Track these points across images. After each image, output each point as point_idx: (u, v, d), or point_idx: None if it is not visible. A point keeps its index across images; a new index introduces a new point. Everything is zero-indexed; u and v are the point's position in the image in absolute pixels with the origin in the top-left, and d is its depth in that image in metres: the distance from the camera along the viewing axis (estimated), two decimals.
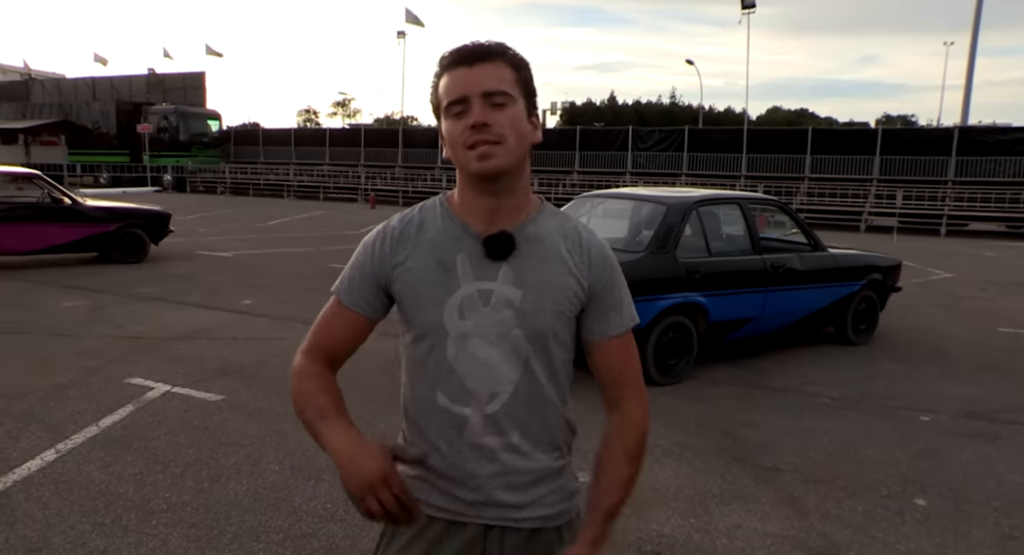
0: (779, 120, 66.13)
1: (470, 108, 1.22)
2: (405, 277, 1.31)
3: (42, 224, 10.02)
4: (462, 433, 1.31)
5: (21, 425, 4.40)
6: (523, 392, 1.31)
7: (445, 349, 1.30)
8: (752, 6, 28.14)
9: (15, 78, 46.33)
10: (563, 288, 1.31)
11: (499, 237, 1.29)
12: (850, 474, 4.06)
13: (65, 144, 33.17)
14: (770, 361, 6.35)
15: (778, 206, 6.86)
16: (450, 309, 1.29)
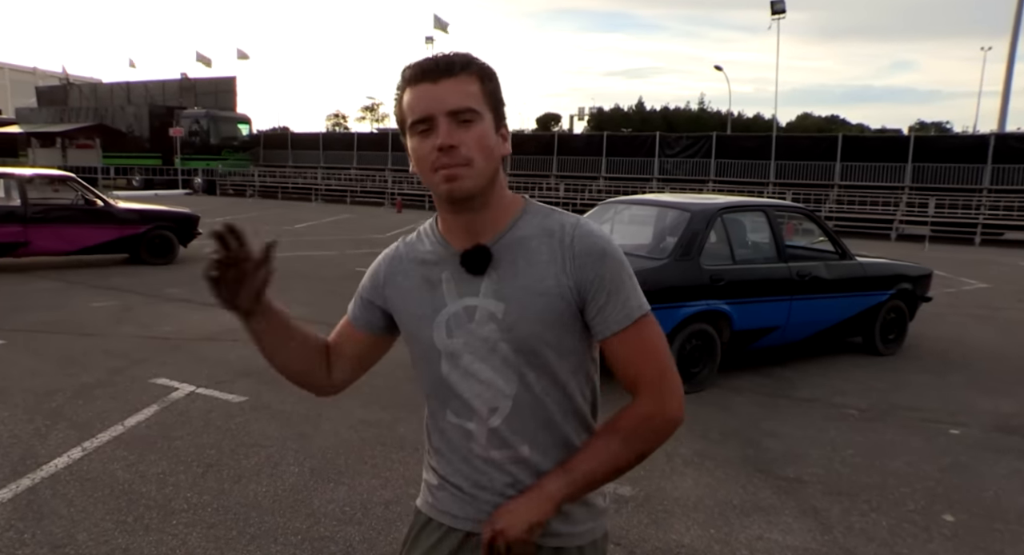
0: (809, 127, 65.37)
1: (436, 127, 1.18)
2: (396, 298, 1.35)
3: (76, 226, 10.22)
4: (472, 447, 1.31)
5: (50, 423, 4.47)
6: (524, 404, 1.28)
7: (440, 367, 1.30)
8: (782, 11, 27.89)
9: (54, 83, 47.34)
10: (546, 293, 1.24)
11: (474, 252, 1.26)
12: (875, 487, 3.98)
13: (100, 147, 33.82)
14: (796, 370, 6.26)
15: (805, 214, 6.78)
16: (438, 327, 1.29)
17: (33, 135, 36.10)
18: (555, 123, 73.93)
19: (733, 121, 53.57)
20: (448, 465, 1.36)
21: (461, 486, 1.34)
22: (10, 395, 4.96)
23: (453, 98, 1.18)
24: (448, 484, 1.36)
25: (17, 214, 9.83)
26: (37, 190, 10.35)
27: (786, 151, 25.26)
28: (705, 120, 60.43)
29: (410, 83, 1.22)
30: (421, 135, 1.20)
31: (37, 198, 10.19)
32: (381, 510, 3.39)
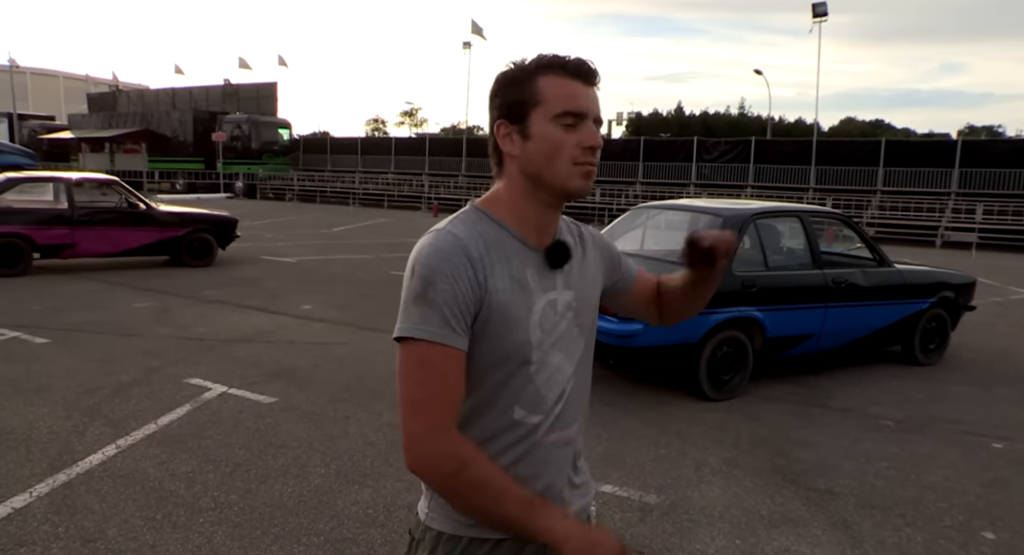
0: (853, 131, 64.10)
1: (584, 126, 1.23)
2: (494, 300, 1.22)
3: (119, 228, 10.49)
4: (530, 441, 1.29)
5: (87, 420, 4.59)
6: (577, 385, 1.37)
7: (529, 363, 1.27)
8: (824, 14, 27.42)
9: (104, 90, 48.73)
10: (596, 281, 1.43)
11: (558, 247, 1.32)
12: (911, 501, 3.87)
13: (146, 151, 34.71)
14: (831, 379, 6.13)
15: (841, 220, 6.63)
16: (533, 324, 1.27)
17: (83, 140, 37.20)
18: None
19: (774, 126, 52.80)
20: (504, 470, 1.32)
21: None
22: (51, 392, 5.10)
23: (598, 107, 1.26)
24: None
25: (64, 217, 10.13)
26: (83, 194, 10.63)
27: (827, 156, 24.82)
28: (745, 125, 59.67)
29: (560, 73, 1.23)
30: (565, 128, 1.22)
31: (83, 201, 10.47)
32: (404, 513, 3.40)
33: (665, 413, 5.10)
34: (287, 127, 37.80)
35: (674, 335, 5.11)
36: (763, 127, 45.55)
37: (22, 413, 4.69)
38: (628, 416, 5.01)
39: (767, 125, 44.82)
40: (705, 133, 39.86)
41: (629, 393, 5.55)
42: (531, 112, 1.23)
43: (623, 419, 4.95)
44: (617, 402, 5.30)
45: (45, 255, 10.17)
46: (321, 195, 32.23)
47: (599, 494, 3.76)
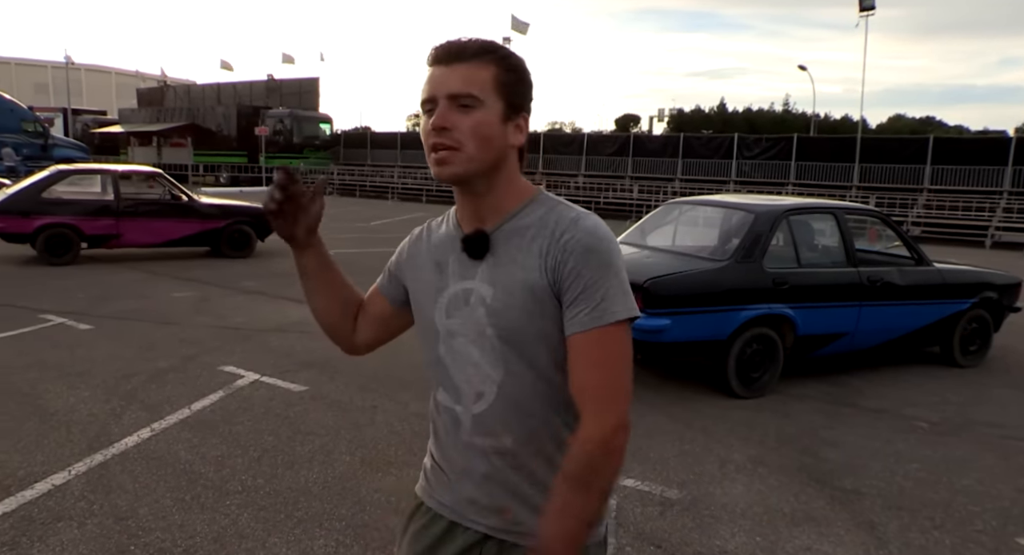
0: (902, 128, 62.46)
1: (437, 109, 1.21)
2: (410, 276, 1.40)
3: (162, 219, 10.75)
4: (458, 430, 1.32)
5: (124, 404, 4.73)
6: (510, 394, 1.26)
7: (438, 347, 1.32)
8: (871, 8, 26.78)
9: (153, 85, 49.92)
10: (529, 284, 1.22)
11: (474, 237, 1.28)
12: (941, 503, 3.80)
13: (191, 145, 35.46)
14: (865, 379, 6.02)
15: (878, 217, 6.49)
16: (439, 308, 1.31)
17: (132, 134, 38.17)
18: (634, 124, 73.13)
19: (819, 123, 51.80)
20: (440, 448, 1.38)
21: (447, 471, 1.36)
22: (92, 377, 5.27)
23: (456, 83, 1.20)
24: (439, 468, 1.38)
25: (110, 208, 10.42)
26: (128, 186, 10.92)
27: (871, 153, 24.26)
28: (789, 122, 58.62)
29: (428, 64, 1.25)
30: (427, 115, 1.23)
31: (128, 193, 10.76)
32: None
33: (692, 409, 5.07)
34: (328, 122, 38.26)
35: (702, 331, 5.07)
36: (808, 124, 44.71)
37: (65, 396, 4.85)
38: (654, 411, 4.99)
39: (812, 122, 44.01)
40: (748, 130, 39.28)
41: (657, 388, 5.53)
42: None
43: (649, 414, 4.93)
44: (644, 397, 5.28)
45: (92, 245, 10.49)
46: (361, 189, 32.56)
47: (620, 488, 3.76)
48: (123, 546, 3.05)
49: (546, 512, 1.20)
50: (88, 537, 3.11)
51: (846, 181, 24.37)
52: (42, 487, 3.54)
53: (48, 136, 28.03)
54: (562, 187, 28.89)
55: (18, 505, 3.37)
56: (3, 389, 4.97)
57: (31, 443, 4.07)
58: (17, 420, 4.41)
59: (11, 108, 26.61)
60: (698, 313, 5.01)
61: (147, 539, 3.11)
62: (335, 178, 33.57)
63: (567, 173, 30.25)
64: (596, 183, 28.54)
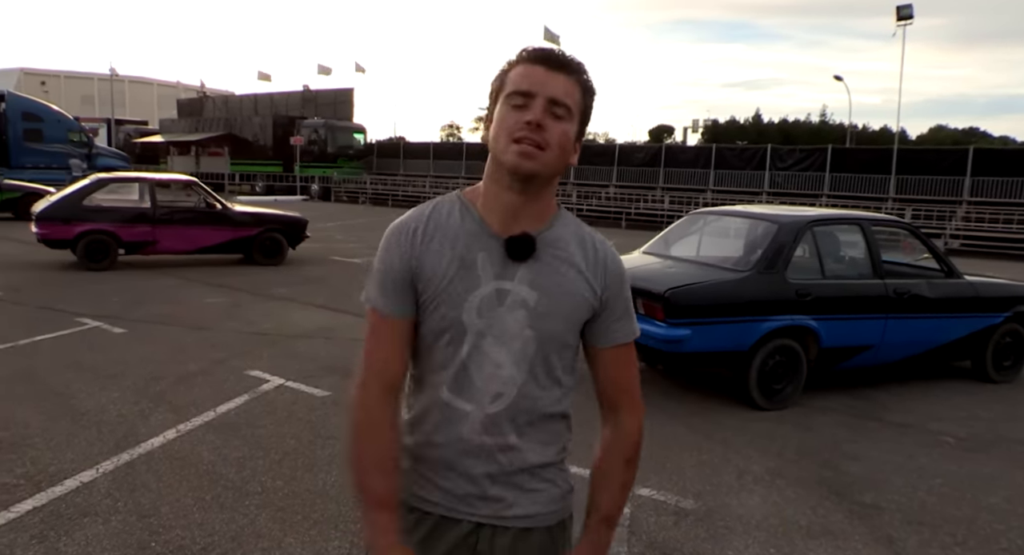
0: (944, 140, 61.15)
1: (532, 105, 1.24)
2: (428, 272, 1.31)
3: (196, 227, 10.99)
4: (461, 429, 1.33)
5: (152, 405, 4.86)
6: (527, 395, 1.32)
7: (461, 345, 1.31)
8: (909, 17, 26.38)
9: (192, 96, 51.05)
10: (577, 294, 1.33)
11: (521, 238, 1.30)
12: (964, 520, 3.73)
13: (228, 155, 36.17)
14: (892, 393, 5.93)
15: (906, 228, 6.40)
16: (470, 307, 1.29)
17: (172, 143, 39.07)
18: (668, 135, 72.83)
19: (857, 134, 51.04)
20: (430, 449, 1.36)
21: (439, 469, 1.35)
22: (124, 378, 5.42)
23: (559, 89, 1.26)
24: (427, 468, 1.37)
25: (147, 215, 10.69)
26: (165, 194, 11.19)
27: (908, 165, 23.84)
28: (826, 133, 57.87)
29: (525, 61, 1.28)
30: (514, 108, 1.25)
31: (164, 201, 11.03)
32: None
33: (712, 420, 5.05)
34: (362, 132, 38.74)
35: (723, 342, 5.05)
36: (845, 135, 44.13)
37: (97, 396, 5.00)
38: (674, 421, 4.98)
39: (849, 133, 43.44)
40: (783, 141, 38.90)
41: (678, 398, 5.51)
42: (498, 98, 1.30)
43: (669, 423, 4.92)
44: (665, 406, 5.27)
45: (129, 251, 10.76)
46: (393, 199, 32.86)
47: (634, 497, 3.76)
48: (144, 542, 3.14)
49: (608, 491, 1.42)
50: (112, 533, 3.20)
51: (882, 193, 23.98)
52: (71, 484, 3.66)
53: (92, 146, 28.79)
54: (593, 197, 28.89)
55: (48, 500, 3.48)
56: (40, 389, 5.13)
57: (62, 441, 4.20)
58: (52, 419, 4.56)
59: (58, 119, 27.41)
60: (719, 324, 5.00)
61: (167, 536, 3.19)
62: (368, 187, 33.96)
63: (598, 183, 30.22)
64: (627, 193, 28.46)
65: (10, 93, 26.79)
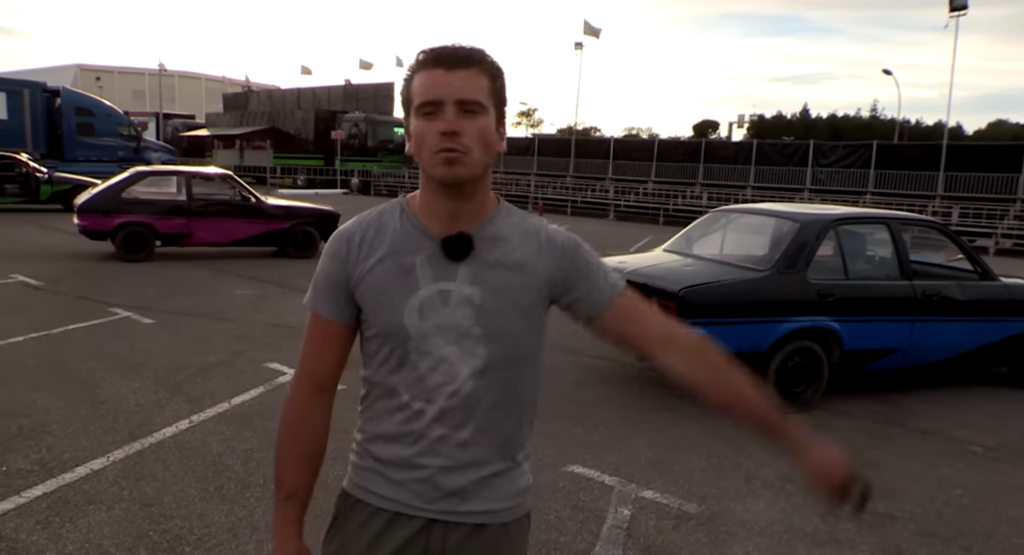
0: (1003, 135, 59.00)
1: (442, 113, 1.22)
2: (368, 280, 1.33)
3: (230, 219, 11.18)
4: (418, 427, 1.33)
5: (169, 395, 4.95)
6: (481, 390, 1.32)
7: (407, 348, 1.32)
8: (963, 8, 25.49)
9: (238, 90, 52.02)
10: (522, 287, 1.32)
11: (457, 238, 1.30)
12: (981, 533, 3.59)
13: (271, 148, 36.75)
14: (920, 399, 5.74)
15: (936, 227, 6.17)
16: (410, 310, 1.31)
17: (217, 137, 39.88)
18: (712, 131, 71.87)
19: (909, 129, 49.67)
20: (384, 446, 1.38)
21: (394, 464, 1.36)
22: (146, 368, 5.54)
23: (464, 88, 1.23)
24: (380, 462, 1.38)
25: (183, 208, 10.92)
26: (200, 186, 11.41)
27: (959, 162, 23.09)
28: (876, 128, 56.49)
29: (424, 67, 1.25)
30: (426, 118, 1.24)
31: (200, 194, 11.24)
32: None
33: (727, 422, 4.93)
34: (402, 126, 38.85)
35: (739, 342, 4.93)
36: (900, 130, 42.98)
37: (118, 385, 5.11)
38: (687, 422, 4.89)
39: (901, 128, 42.28)
40: (832, 136, 38.04)
41: (693, 399, 5.40)
42: (410, 111, 1.28)
43: (681, 424, 4.84)
44: (679, 407, 5.18)
45: (166, 243, 11.00)
46: None
47: (637, 499, 3.70)
48: (143, 531, 3.19)
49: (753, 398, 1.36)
50: (113, 521, 3.26)
51: (930, 190, 23.30)
52: (81, 471, 3.75)
53: (140, 139, 29.52)
54: (631, 193, 28.64)
55: (57, 486, 3.57)
56: (66, 377, 5.27)
57: (79, 429, 4.30)
58: (73, 407, 4.68)
59: (109, 113, 28.14)
60: (735, 324, 4.89)
61: (166, 526, 3.24)
62: (407, 181, 34.19)
63: (636, 179, 29.96)
64: (665, 189, 28.16)
65: (65, 89, 27.56)
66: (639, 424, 4.85)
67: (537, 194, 30.23)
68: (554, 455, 4.22)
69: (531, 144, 35.97)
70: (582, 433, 4.64)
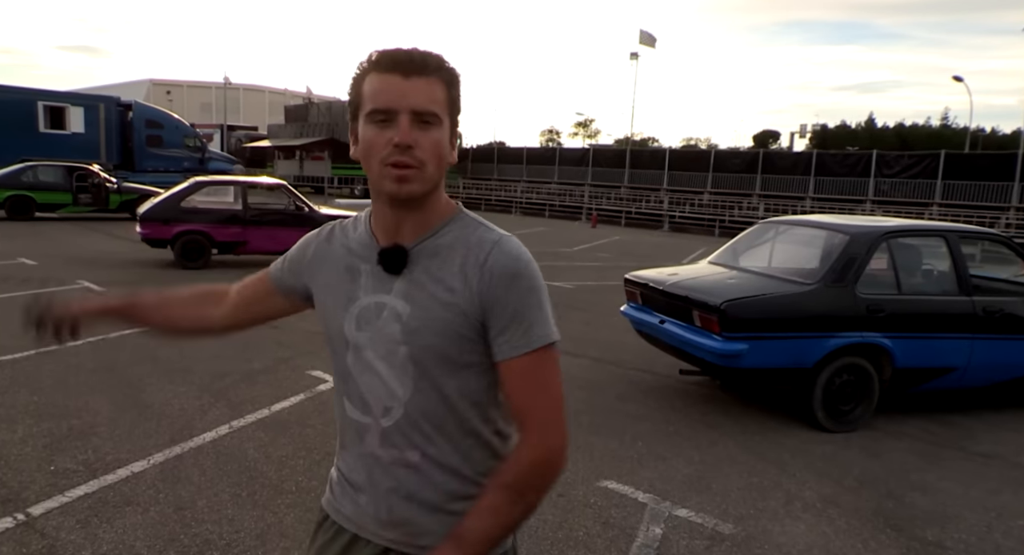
0: None
1: (396, 123, 1.15)
2: (319, 280, 1.35)
3: (284, 228, 11.39)
4: (366, 443, 1.30)
5: (212, 401, 5.05)
6: (418, 410, 1.25)
7: (346, 358, 1.30)
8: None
9: (299, 102, 53.37)
10: (448, 305, 1.21)
11: (392, 251, 1.25)
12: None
13: (329, 159, 37.51)
14: (981, 420, 5.46)
15: (1001, 241, 5.86)
16: (349, 318, 1.28)
17: (278, 148, 40.91)
18: (773, 141, 70.42)
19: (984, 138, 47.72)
20: (345, 460, 1.37)
21: (353, 483, 1.34)
22: (191, 374, 5.67)
23: (420, 98, 1.16)
24: (344, 480, 1.37)
25: (239, 217, 11.21)
26: (255, 196, 11.70)
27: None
28: (948, 137, 54.37)
29: (377, 69, 1.18)
30: (378, 125, 1.17)
31: (255, 203, 11.53)
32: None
33: (771, 440, 4.79)
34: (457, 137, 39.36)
35: (783, 358, 4.79)
36: (972, 139, 41.42)
37: (164, 390, 5.25)
38: (728, 439, 4.76)
39: (975, 137, 40.70)
40: (900, 147, 36.82)
41: (736, 416, 5.26)
42: (358, 114, 1.21)
43: (721, 442, 4.70)
44: (721, 424, 5.05)
45: (222, 251, 11.31)
46: (486, 203, 33.25)
47: (670, 517, 3.60)
48: (175, 534, 3.25)
49: (472, 510, 1.23)
50: (148, 523, 3.33)
51: (1003, 201, 22.33)
52: (123, 473, 3.84)
53: (205, 150, 30.54)
54: (686, 204, 28.27)
55: (99, 488, 3.67)
56: (117, 381, 5.43)
57: (124, 432, 4.42)
58: (121, 410, 4.81)
59: (176, 126, 29.22)
60: (779, 339, 4.74)
61: (197, 530, 3.29)
62: (461, 192, 34.46)
63: (692, 190, 29.57)
64: (722, 201, 27.70)
65: (137, 103, 28.72)
66: (679, 440, 4.73)
67: (591, 205, 30.11)
68: (588, 469, 4.14)
69: (585, 155, 35.89)
70: (619, 448, 4.55)
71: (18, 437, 4.25)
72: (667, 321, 5.33)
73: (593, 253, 17.20)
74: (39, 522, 3.30)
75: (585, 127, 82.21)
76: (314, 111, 44.43)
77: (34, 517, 3.34)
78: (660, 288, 5.42)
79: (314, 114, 44.08)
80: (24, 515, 3.35)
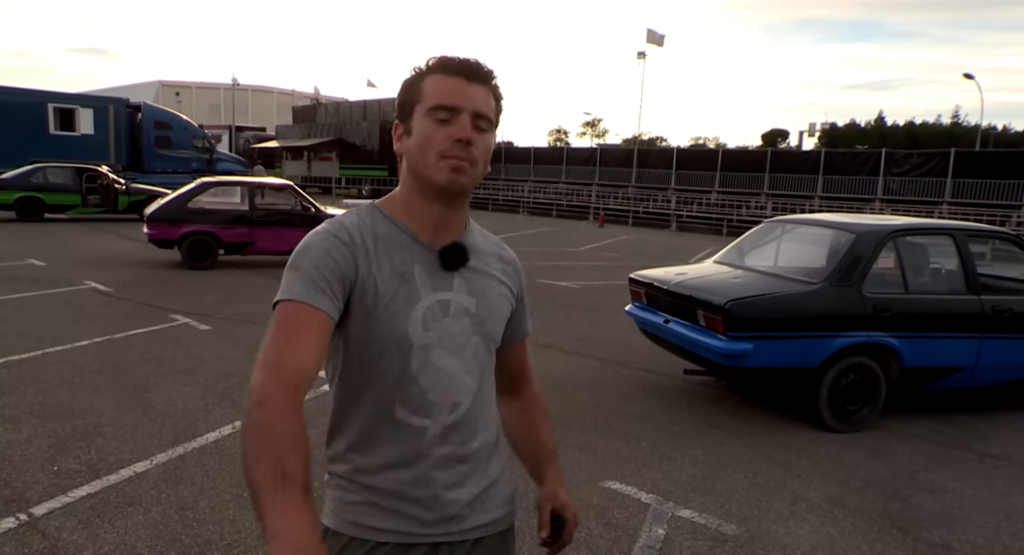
0: None
1: (458, 121, 1.23)
2: (370, 287, 1.22)
3: (290, 228, 11.41)
4: (420, 446, 1.27)
5: (216, 401, 5.05)
6: (479, 399, 1.34)
7: (409, 361, 1.24)
8: None
9: (306, 103, 53.53)
10: (504, 296, 1.40)
11: (454, 248, 1.30)
12: None
13: (337, 159, 37.60)
14: (992, 420, 5.41)
15: (1010, 239, 5.79)
16: (414, 321, 1.24)
17: (286, 149, 41.04)
18: (782, 140, 70.11)
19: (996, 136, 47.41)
20: (379, 475, 1.28)
21: (393, 496, 1.28)
22: (197, 374, 5.68)
23: (482, 102, 1.25)
24: (376, 495, 1.28)
25: (246, 217, 11.23)
26: (262, 197, 11.72)
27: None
28: (959, 135, 53.97)
29: (442, 71, 1.25)
30: (439, 122, 1.23)
31: (262, 204, 11.55)
32: None
33: (776, 441, 4.75)
34: None
35: (789, 358, 4.75)
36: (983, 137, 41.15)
37: (169, 390, 5.25)
38: (733, 439, 4.72)
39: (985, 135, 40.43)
40: (910, 145, 36.61)
41: (742, 416, 5.23)
42: (414, 110, 1.27)
43: (727, 442, 4.67)
44: (726, 424, 5.02)
45: (229, 251, 11.34)
46: (493, 203, 33.24)
47: (673, 518, 3.58)
48: (176, 535, 3.24)
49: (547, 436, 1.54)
50: (149, 523, 3.33)
51: (1013, 200, 22.15)
52: (125, 473, 3.85)
53: (213, 151, 30.67)
54: (694, 203, 28.18)
55: (101, 488, 3.67)
56: (122, 381, 5.45)
57: (128, 432, 4.43)
58: (125, 410, 4.82)
59: (185, 127, 29.36)
60: (784, 338, 4.70)
61: (199, 530, 3.29)
62: None
63: (700, 189, 29.48)
64: (730, 200, 27.60)
65: (146, 104, 28.86)
66: (683, 440, 4.70)
67: (599, 204, 30.05)
68: (591, 470, 4.12)
69: (593, 154, 35.83)
70: (623, 448, 4.52)
71: (23, 437, 4.26)
72: (672, 321, 5.30)
73: (600, 253, 17.16)
74: (41, 522, 3.30)
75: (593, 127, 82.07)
76: (322, 112, 44.58)
77: (36, 517, 3.34)
78: (665, 288, 5.39)
79: (322, 115, 44.24)
80: (27, 515, 3.35)
